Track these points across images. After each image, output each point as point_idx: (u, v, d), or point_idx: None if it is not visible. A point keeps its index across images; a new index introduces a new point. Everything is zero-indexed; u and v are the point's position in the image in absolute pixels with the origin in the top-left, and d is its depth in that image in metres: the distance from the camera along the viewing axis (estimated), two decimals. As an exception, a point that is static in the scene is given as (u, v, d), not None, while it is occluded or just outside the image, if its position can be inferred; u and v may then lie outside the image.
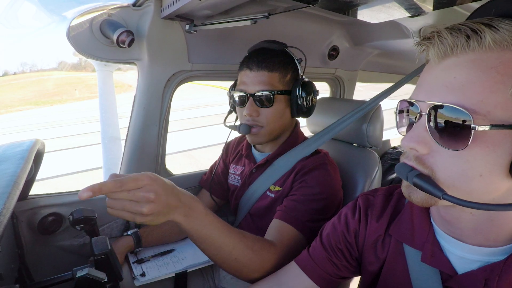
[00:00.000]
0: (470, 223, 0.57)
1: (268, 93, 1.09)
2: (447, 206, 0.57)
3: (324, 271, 0.78)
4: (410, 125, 0.57)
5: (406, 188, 0.57)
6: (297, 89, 1.12)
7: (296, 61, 1.15)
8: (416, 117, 0.54)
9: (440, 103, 0.49)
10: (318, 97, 1.22)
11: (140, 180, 0.67)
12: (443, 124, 0.50)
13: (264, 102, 1.10)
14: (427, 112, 0.51)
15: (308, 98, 1.14)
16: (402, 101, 0.59)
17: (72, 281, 0.78)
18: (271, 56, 1.11)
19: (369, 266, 0.75)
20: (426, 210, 0.68)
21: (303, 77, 1.16)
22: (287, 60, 1.13)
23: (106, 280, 0.75)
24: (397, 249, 0.70)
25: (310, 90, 1.14)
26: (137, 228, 1.29)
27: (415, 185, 0.51)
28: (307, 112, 1.17)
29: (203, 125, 9.56)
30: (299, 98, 1.12)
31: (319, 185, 1.08)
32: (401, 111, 0.60)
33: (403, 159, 0.57)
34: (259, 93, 1.09)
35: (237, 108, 1.19)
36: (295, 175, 1.14)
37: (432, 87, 0.52)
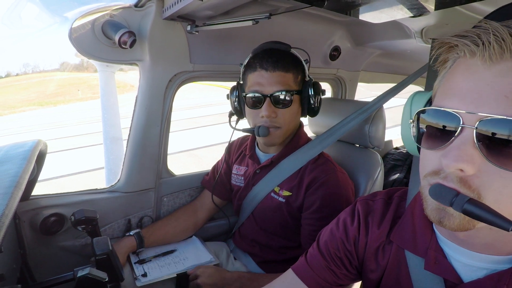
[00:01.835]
0: (485, 239, 0.52)
1: (287, 93, 1.09)
2: None
3: (322, 279, 0.75)
4: (444, 140, 0.48)
5: (437, 212, 0.49)
6: (309, 89, 1.13)
7: (303, 62, 1.15)
8: (456, 131, 0.45)
9: (501, 117, 0.42)
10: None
11: None
12: (501, 141, 0.43)
13: (282, 102, 1.10)
14: (475, 126, 0.43)
15: (317, 98, 1.15)
16: (431, 109, 0.50)
17: (73, 281, 0.78)
18: (283, 57, 1.11)
19: (370, 274, 0.72)
20: None
21: (310, 76, 1.17)
22: (296, 61, 1.14)
23: (107, 280, 0.75)
24: (399, 256, 0.67)
25: (319, 90, 1.16)
26: (139, 229, 1.29)
27: (467, 213, 0.43)
28: (316, 111, 1.18)
29: (205, 124, 9.58)
30: (311, 98, 1.14)
31: (333, 204, 1.10)
32: (428, 123, 0.51)
33: (438, 180, 0.48)
34: (277, 94, 1.09)
35: (249, 110, 1.16)
36: (306, 187, 1.14)
37: (483, 96, 0.44)
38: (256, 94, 1.10)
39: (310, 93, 1.13)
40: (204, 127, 9.28)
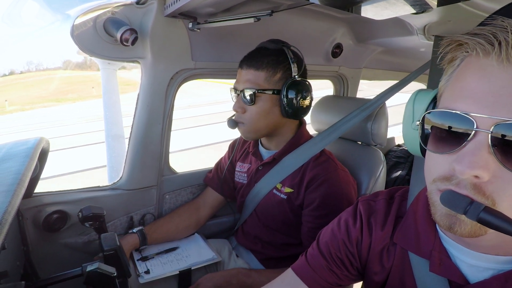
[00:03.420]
0: (492, 241, 0.50)
1: (250, 91, 1.11)
2: None
3: (323, 279, 0.74)
4: (455, 144, 0.45)
5: (447, 218, 0.47)
6: (284, 88, 1.12)
7: (290, 60, 1.12)
8: (469, 135, 0.43)
9: None
10: (324, 95, 1.21)
11: None
12: None
13: (246, 99, 1.13)
14: (490, 130, 0.41)
15: (297, 98, 1.12)
16: (441, 111, 0.48)
17: (81, 277, 0.79)
18: (262, 55, 1.12)
19: (375, 276, 0.70)
20: (430, 215, 0.62)
21: (295, 76, 1.13)
22: (279, 60, 1.12)
23: (115, 274, 0.76)
24: (403, 258, 0.66)
25: (299, 90, 1.12)
26: (141, 226, 1.30)
27: (482, 221, 0.41)
28: (293, 113, 1.14)
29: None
30: (284, 98, 1.12)
31: (333, 202, 1.10)
32: (438, 125, 0.49)
33: (449, 186, 0.46)
34: (243, 91, 1.13)
35: None
36: (307, 185, 1.15)
37: (499, 99, 0.42)
38: (233, 90, 1.18)
39: (283, 93, 1.12)
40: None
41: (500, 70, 0.42)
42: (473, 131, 0.43)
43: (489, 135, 0.42)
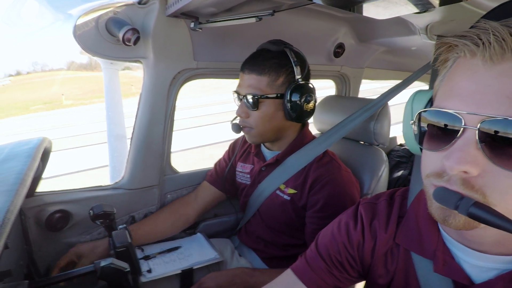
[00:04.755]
0: (493, 238, 0.51)
1: (253, 96, 1.10)
2: None
3: (323, 281, 0.73)
4: (445, 141, 0.47)
5: (441, 211, 0.48)
6: (287, 93, 1.11)
7: (293, 63, 1.11)
8: (458, 132, 0.45)
9: (503, 117, 0.42)
10: (326, 95, 1.21)
11: None
12: (504, 142, 0.43)
13: (250, 105, 1.12)
14: (477, 127, 0.43)
15: (300, 102, 1.12)
16: (432, 110, 0.50)
17: (92, 274, 0.80)
18: (264, 59, 1.11)
19: (379, 279, 0.69)
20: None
21: (299, 80, 1.12)
22: (281, 63, 1.11)
23: (128, 270, 0.78)
24: (406, 259, 0.65)
25: (303, 94, 1.12)
26: (125, 224, 1.29)
27: (473, 216, 0.42)
28: (297, 117, 1.14)
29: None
30: (287, 103, 1.11)
31: (337, 203, 1.10)
32: (430, 124, 0.51)
33: (441, 183, 0.48)
34: (246, 96, 1.12)
35: None
36: (310, 186, 1.14)
37: (483, 97, 0.44)
38: (236, 95, 1.17)
39: (287, 97, 1.11)
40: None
41: (485, 69, 0.44)
42: (461, 128, 0.45)
43: (476, 131, 0.44)
